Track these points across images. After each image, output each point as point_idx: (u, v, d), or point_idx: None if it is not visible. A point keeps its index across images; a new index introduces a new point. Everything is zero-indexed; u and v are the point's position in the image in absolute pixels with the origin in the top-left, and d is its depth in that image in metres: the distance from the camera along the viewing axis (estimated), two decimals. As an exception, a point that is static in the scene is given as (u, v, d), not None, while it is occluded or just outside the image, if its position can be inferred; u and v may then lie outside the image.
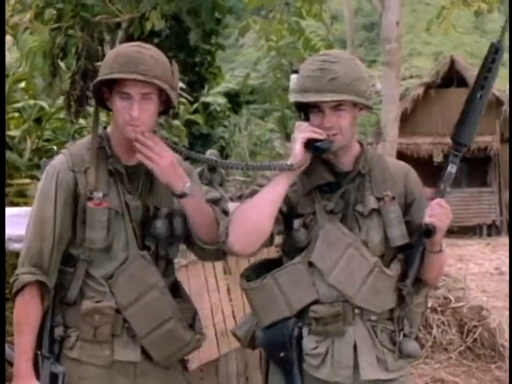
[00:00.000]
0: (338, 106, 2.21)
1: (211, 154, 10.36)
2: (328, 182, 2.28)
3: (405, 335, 2.28)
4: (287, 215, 2.27)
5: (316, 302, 2.23)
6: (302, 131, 2.20)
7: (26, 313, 2.17)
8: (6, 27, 5.15)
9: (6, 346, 2.44)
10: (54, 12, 5.36)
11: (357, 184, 2.29)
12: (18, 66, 5.93)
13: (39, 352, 2.19)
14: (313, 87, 2.19)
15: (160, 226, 2.25)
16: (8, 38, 5.64)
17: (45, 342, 2.20)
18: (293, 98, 2.25)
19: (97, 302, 2.19)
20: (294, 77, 2.28)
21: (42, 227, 2.19)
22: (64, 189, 2.19)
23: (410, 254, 2.25)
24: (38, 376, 2.18)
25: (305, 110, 2.28)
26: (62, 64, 5.50)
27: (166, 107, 2.27)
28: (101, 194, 2.18)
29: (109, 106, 2.24)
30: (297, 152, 2.18)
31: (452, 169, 2.28)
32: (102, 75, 2.17)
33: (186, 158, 2.35)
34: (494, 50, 2.27)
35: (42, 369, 2.19)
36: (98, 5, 5.12)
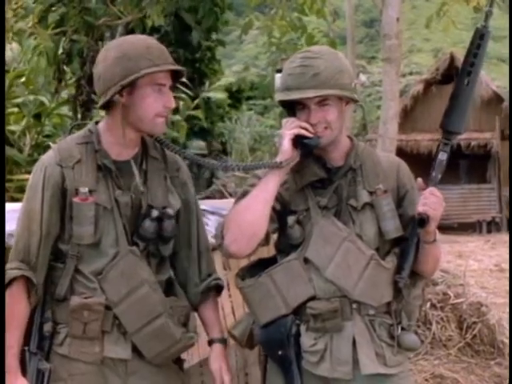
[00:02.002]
0: (322, 102, 2.20)
1: (197, 146, 10.11)
2: (320, 178, 2.28)
3: (403, 328, 2.27)
4: (281, 213, 2.27)
5: (313, 298, 2.23)
6: (290, 128, 2.20)
7: (13, 308, 2.15)
8: (11, 34, 5.15)
9: None
10: (58, 17, 5.35)
11: (349, 179, 2.29)
12: (19, 62, 5.93)
13: (26, 348, 2.18)
14: (295, 84, 2.18)
15: (147, 226, 2.21)
16: (14, 45, 5.65)
17: (33, 338, 2.19)
18: (277, 97, 2.25)
19: (86, 297, 2.16)
20: (277, 76, 2.28)
21: (30, 222, 2.18)
22: (51, 184, 2.17)
23: (405, 246, 2.24)
24: (25, 372, 2.16)
25: (292, 109, 2.27)
26: (66, 69, 5.51)
27: None
28: (86, 189, 2.15)
29: (114, 102, 2.18)
30: (285, 149, 2.18)
31: (443, 156, 2.26)
32: (145, 67, 2.11)
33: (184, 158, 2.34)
34: (480, 36, 2.24)
35: (29, 365, 2.17)
36: (101, 8, 5.10)
